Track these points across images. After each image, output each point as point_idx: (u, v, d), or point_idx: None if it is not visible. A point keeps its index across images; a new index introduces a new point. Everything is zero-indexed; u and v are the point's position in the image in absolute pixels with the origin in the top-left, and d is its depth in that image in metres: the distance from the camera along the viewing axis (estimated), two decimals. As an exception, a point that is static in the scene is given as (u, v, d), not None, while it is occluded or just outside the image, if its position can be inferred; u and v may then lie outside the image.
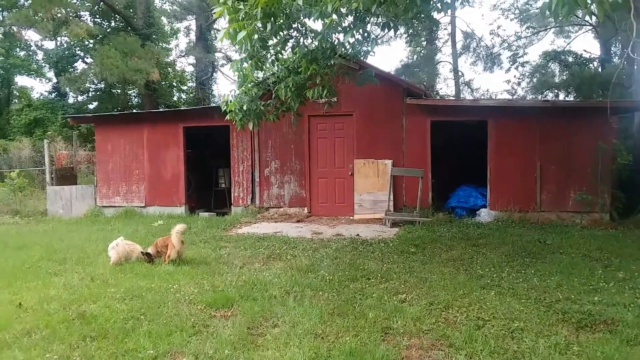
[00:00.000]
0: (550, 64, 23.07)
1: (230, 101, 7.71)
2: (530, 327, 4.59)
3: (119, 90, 27.65)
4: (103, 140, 13.55)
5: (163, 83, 26.68)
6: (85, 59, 27.46)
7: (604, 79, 17.24)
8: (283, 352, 4.10)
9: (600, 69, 21.13)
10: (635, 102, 11.95)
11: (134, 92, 27.90)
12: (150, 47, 22.88)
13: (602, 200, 10.44)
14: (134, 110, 24.30)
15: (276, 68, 7.59)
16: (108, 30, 26.23)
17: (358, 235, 9.41)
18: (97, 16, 26.77)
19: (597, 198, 10.41)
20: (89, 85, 26.37)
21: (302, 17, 6.47)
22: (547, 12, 4.36)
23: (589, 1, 4.09)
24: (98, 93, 27.99)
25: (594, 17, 19.91)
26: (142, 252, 7.38)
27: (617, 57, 20.90)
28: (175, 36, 30.72)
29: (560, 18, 4.47)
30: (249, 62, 6.82)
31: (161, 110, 19.64)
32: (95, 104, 27.56)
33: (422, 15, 6.74)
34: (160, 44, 26.84)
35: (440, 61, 27.28)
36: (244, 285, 6.00)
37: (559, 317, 4.86)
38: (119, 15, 25.43)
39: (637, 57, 9.94)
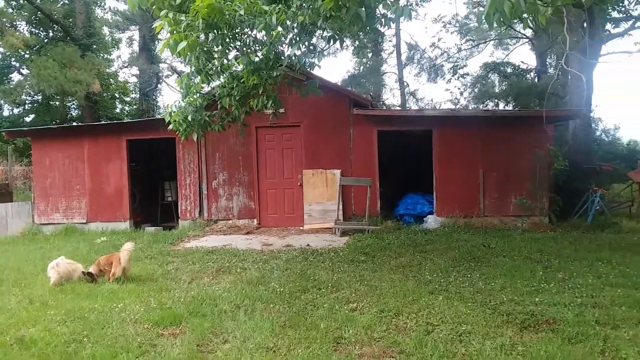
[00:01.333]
0: (490, 74, 24.02)
1: (174, 112, 7.55)
2: (477, 329, 4.71)
3: (57, 103, 26.59)
4: (41, 154, 12.96)
5: (105, 94, 25.87)
6: (21, 70, 26.27)
7: (540, 89, 18.08)
8: (234, 367, 4.02)
9: (537, 80, 22.17)
10: (570, 111, 12.59)
11: (73, 104, 26.90)
12: (90, 57, 22.16)
13: (540, 204, 10.90)
14: (74, 123, 23.42)
15: (222, 78, 7.50)
16: (45, 41, 25.22)
17: (308, 245, 9.39)
18: (34, 26, 25.70)
19: (536, 202, 10.87)
20: (25, 98, 25.19)
21: (245, 29, 6.43)
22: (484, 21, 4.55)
23: (521, 12, 4.28)
24: (35, 105, 26.80)
25: (529, 30, 20.89)
26: (83, 272, 7.07)
27: (552, 68, 21.99)
28: (117, 46, 29.91)
29: (495, 26, 4.66)
30: (198, 77, 6.71)
31: (103, 122, 19.04)
32: (32, 116, 26.37)
33: (368, 28, 6.85)
34: (102, 55, 26.04)
35: (386, 72, 27.89)
36: (192, 301, 5.85)
37: (504, 318, 5.01)
38: (57, 25, 24.51)
39: (571, 69, 10.48)
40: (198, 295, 6.10)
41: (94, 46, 24.61)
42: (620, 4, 13.53)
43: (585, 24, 12.02)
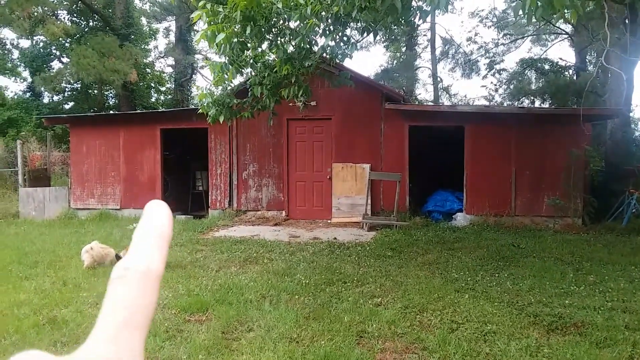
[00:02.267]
0: (526, 71, 23.46)
1: (202, 92, 7.62)
2: (503, 330, 4.66)
3: (95, 91, 27.24)
4: (78, 141, 13.33)
5: (141, 84, 26.36)
6: (62, 59, 27.00)
7: (578, 86, 17.60)
8: (257, 356, 4.09)
9: (575, 77, 21.55)
10: (608, 110, 12.23)
11: (111, 92, 27.51)
12: (128, 47, 22.59)
13: (574, 205, 10.64)
14: (111, 111, 23.97)
15: (254, 68, 7.55)
16: (86, 30, 25.81)
17: (335, 238, 9.42)
18: (75, 15, 26.33)
19: (570, 203, 10.61)
20: (64, 85, 25.88)
21: (282, 21, 6.47)
22: (521, 13, 4.45)
23: (566, 6, 4.17)
24: (74, 93, 27.52)
25: (569, 26, 20.33)
26: (116, 255, 7.28)
27: (591, 66, 21.36)
28: (154, 37, 30.39)
29: (533, 20, 4.56)
30: (230, 68, 6.78)
31: (138, 111, 19.41)
32: (71, 104, 27.09)
33: (402, 20, 6.79)
34: (139, 45, 26.52)
35: (420, 67, 27.53)
36: (219, 289, 5.96)
37: (531, 320, 4.95)
38: (97, 14, 25.07)
39: (611, 66, 10.18)
40: (225, 283, 6.21)
41: (132, 36, 25.07)
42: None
43: (626, 21, 11.62)
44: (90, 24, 26.63)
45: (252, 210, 12.23)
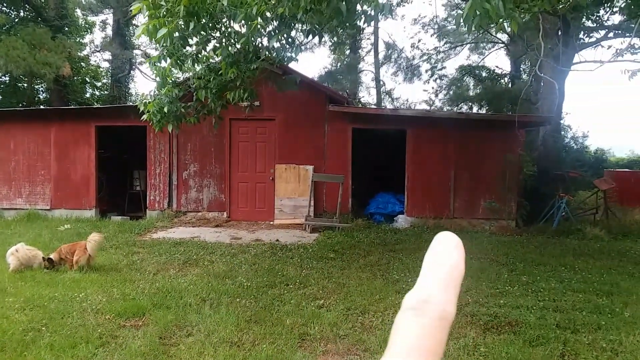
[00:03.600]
0: (465, 77, 24.28)
1: (149, 102, 7.38)
2: (442, 330, 4.74)
3: (25, 85, 25.80)
4: (5, 137, 12.52)
5: (75, 78, 25.20)
6: (-12, 50, 25.38)
7: (513, 94, 18.35)
8: (196, 362, 3.95)
9: (510, 85, 22.51)
10: (541, 117, 12.82)
11: (42, 86, 26.14)
12: (62, 39, 21.52)
13: (508, 208, 11.08)
14: (42, 106, 22.76)
15: (197, 67, 7.37)
16: (16, 21, 24.40)
17: (278, 240, 9.34)
18: (5, 5, 24.86)
19: (505, 206, 11.04)
20: (-9, 78, 24.41)
21: (226, 19, 6.33)
22: (462, 22, 4.57)
23: (501, 16, 4.31)
24: (1, 87, 25.96)
25: (505, 36, 21.18)
26: (43, 258, 6.87)
27: (525, 74, 22.36)
28: (90, 30, 29.14)
29: (472, 29, 4.68)
30: (169, 60, 6.57)
31: (71, 107, 18.53)
32: (-2, 98, 25.53)
33: (347, 24, 6.82)
34: (74, 38, 25.36)
35: (363, 70, 27.87)
36: (157, 293, 5.74)
37: (468, 319, 5.07)
38: (29, 4, 23.75)
39: (544, 75, 10.66)
40: (163, 287, 6.00)
41: (66, 28, 23.94)
42: (596, 13, 13.82)
43: (559, 32, 12.24)
44: (21, 14, 25.22)
45: (193, 212, 11.93)
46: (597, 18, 14.70)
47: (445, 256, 0.34)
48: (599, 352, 4.34)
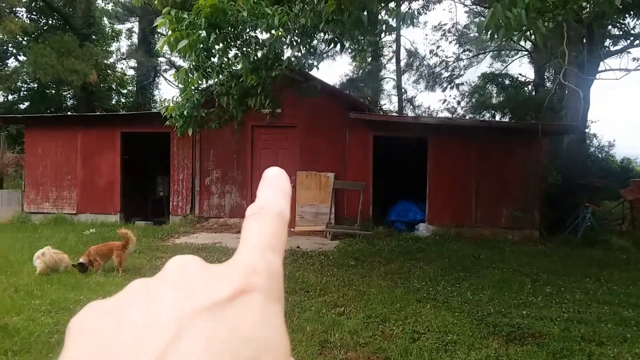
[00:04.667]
0: (488, 85, 24.09)
1: (170, 106, 7.51)
2: (463, 340, 4.70)
3: (52, 91, 26.41)
4: (33, 142, 12.86)
5: (102, 86, 25.72)
6: (18, 57, 26.08)
7: (537, 102, 18.15)
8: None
9: (534, 93, 22.26)
10: (565, 125, 12.66)
11: (69, 93, 26.72)
12: (89, 47, 22.02)
13: (532, 218, 10.94)
14: (69, 113, 23.26)
15: (221, 77, 7.48)
16: (45, 28, 25.03)
17: (298, 247, 9.37)
18: (34, 13, 25.53)
19: (528, 215, 10.90)
20: (20, 85, 25.02)
21: (248, 29, 6.42)
22: (484, 32, 4.56)
23: (523, 25, 4.29)
24: (30, 93, 26.59)
25: (529, 43, 20.99)
26: (73, 265, 7.01)
27: (549, 82, 22.09)
28: (116, 38, 29.74)
29: (495, 37, 4.67)
30: (196, 73, 6.68)
31: (97, 114, 18.93)
32: (26, 104, 26.14)
33: (369, 34, 6.86)
34: (101, 46, 25.90)
35: (385, 77, 27.87)
36: (179, 298, 5.80)
37: (490, 330, 5.01)
38: (57, 13, 24.37)
39: (568, 84, 10.54)
40: (185, 292, 6.05)
41: (93, 36, 24.49)
42: (620, 22, 13.63)
43: (584, 40, 12.09)
44: (50, 22, 25.86)
45: (215, 217, 12.04)
46: (623, 26, 14.48)
47: (275, 180, 0.39)
48: (624, 365, 4.26)
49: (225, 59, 7.07)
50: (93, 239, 9.72)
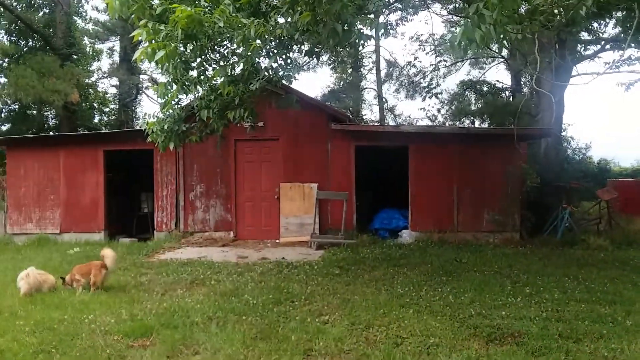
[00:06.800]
0: (466, 92, 24.46)
1: (151, 121, 7.58)
2: (445, 342, 4.81)
3: (34, 112, 26.23)
4: (15, 163, 12.80)
5: (83, 105, 25.60)
6: (-1, 79, 25.90)
7: (514, 107, 18.44)
8: (203, 378, 4.04)
9: (511, 99, 22.65)
10: (540, 129, 12.92)
11: (51, 113, 26.57)
12: (70, 67, 21.95)
13: (512, 221, 11.14)
14: (51, 133, 23.12)
15: (201, 90, 7.56)
16: (25, 50, 24.93)
17: (284, 258, 9.44)
18: (14, 35, 25.43)
19: (508, 218, 11.11)
20: (1, 106, 24.84)
21: (224, 41, 6.51)
22: (456, 45, 4.72)
23: (491, 40, 4.45)
24: (11, 114, 26.40)
25: (505, 50, 21.40)
26: (61, 277, 7.15)
27: (526, 88, 22.49)
28: (98, 58, 29.66)
29: (469, 52, 4.85)
30: (174, 87, 6.76)
31: (79, 133, 18.84)
32: (8, 125, 25.95)
33: (345, 43, 7.00)
34: (82, 65, 25.83)
35: (366, 87, 28.16)
36: (164, 313, 5.85)
37: (471, 331, 5.13)
38: (37, 34, 24.29)
39: (541, 89, 10.78)
40: (170, 307, 6.10)
41: (74, 56, 24.40)
42: (590, 27, 14.00)
43: (556, 46, 12.40)
44: (30, 43, 25.75)
45: (200, 232, 12.06)
46: (593, 30, 14.87)
47: None
48: (600, 360, 4.40)
49: (204, 74, 7.16)
50: (77, 258, 9.69)
